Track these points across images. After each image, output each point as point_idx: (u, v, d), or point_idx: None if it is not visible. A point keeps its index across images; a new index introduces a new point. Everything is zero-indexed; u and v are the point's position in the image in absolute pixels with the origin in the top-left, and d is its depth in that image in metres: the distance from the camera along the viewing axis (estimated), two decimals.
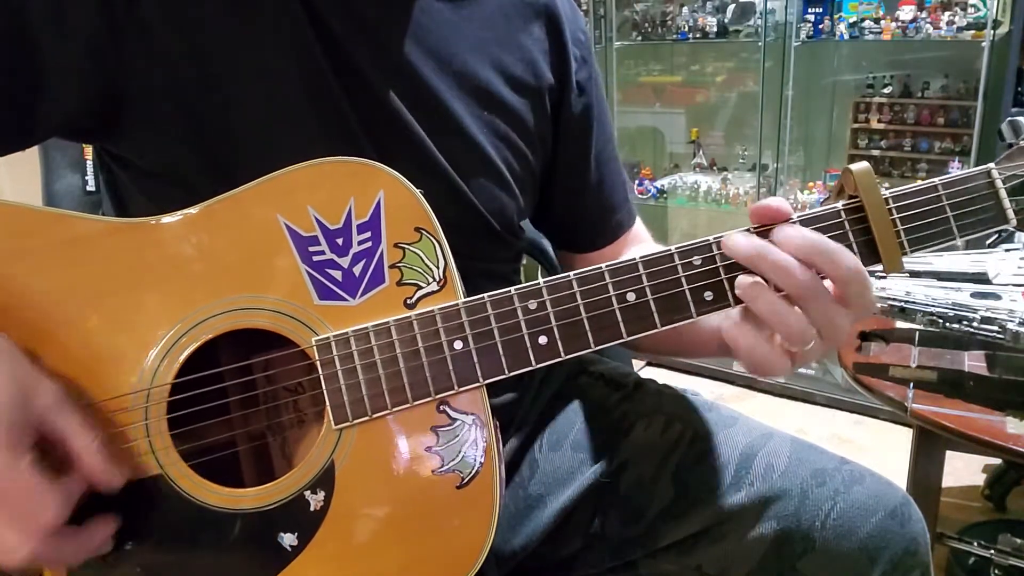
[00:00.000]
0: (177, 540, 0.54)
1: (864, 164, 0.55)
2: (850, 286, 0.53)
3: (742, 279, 0.54)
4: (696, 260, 0.55)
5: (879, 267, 0.55)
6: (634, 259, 0.55)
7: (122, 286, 0.54)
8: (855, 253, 0.55)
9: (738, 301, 0.55)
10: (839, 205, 0.56)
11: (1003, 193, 0.56)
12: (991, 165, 0.57)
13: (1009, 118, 0.60)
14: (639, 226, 0.85)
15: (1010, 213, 0.56)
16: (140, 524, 0.53)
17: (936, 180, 0.56)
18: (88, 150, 1.08)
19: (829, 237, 0.55)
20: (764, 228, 0.55)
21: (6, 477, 0.45)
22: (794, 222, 0.55)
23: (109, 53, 0.57)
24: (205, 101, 0.60)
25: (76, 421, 0.49)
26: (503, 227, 0.71)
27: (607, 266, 0.55)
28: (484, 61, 0.69)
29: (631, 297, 0.55)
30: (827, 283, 0.54)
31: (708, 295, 0.55)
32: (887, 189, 0.56)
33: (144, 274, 0.54)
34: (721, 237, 0.55)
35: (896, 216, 0.55)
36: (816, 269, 0.53)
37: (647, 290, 0.55)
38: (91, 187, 1.05)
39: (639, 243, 0.85)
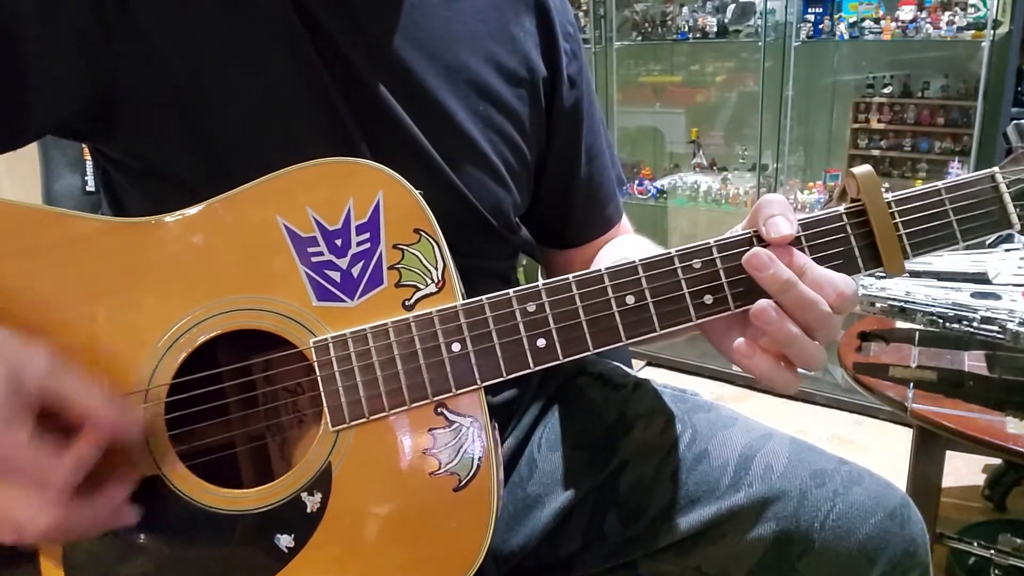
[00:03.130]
0: (173, 541, 0.54)
1: (867, 167, 0.55)
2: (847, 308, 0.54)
3: (762, 304, 0.53)
4: (696, 263, 0.55)
5: (880, 269, 0.55)
6: (633, 261, 0.55)
7: (121, 286, 0.54)
8: (856, 256, 0.55)
9: (737, 306, 0.55)
10: (841, 208, 0.55)
11: (1007, 197, 0.56)
12: (995, 169, 0.57)
13: (1015, 122, 0.59)
14: (623, 220, 0.85)
15: (1014, 217, 0.56)
16: (137, 525, 0.53)
17: (939, 184, 0.56)
18: (88, 150, 1.08)
19: (831, 240, 0.55)
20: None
21: (8, 452, 0.44)
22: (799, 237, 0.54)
23: (100, 53, 0.57)
24: (197, 100, 0.59)
25: (75, 380, 0.48)
26: (499, 223, 0.71)
27: (606, 268, 0.55)
28: (477, 54, 0.69)
29: (630, 300, 0.55)
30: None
31: (708, 299, 0.55)
32: (889, 192, 0.55)
33: (143, 274, 0.54)
34: (737, 249, 0.54)
35: (899, 220, 0.55)
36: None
37: (646, 293, 0.55)
38: (91, 187, 1.05)
39: (622, 234, 0.84)
